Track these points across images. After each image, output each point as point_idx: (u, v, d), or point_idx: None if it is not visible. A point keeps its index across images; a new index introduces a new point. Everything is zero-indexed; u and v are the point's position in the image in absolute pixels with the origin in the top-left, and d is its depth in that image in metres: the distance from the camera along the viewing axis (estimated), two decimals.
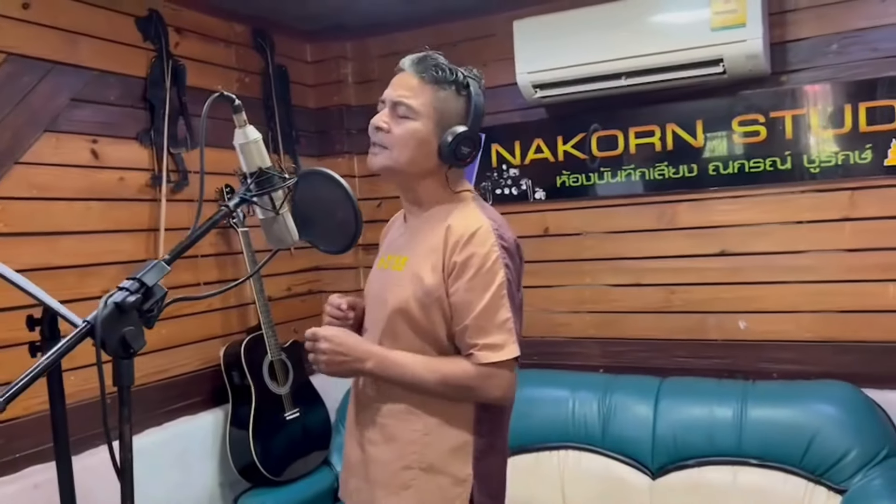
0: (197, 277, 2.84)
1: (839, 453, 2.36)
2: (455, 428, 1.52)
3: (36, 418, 2.21)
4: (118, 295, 1.01)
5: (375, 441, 1.56)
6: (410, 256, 1.57)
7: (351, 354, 1.50)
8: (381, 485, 1.53)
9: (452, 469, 1.51)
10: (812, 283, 2.68)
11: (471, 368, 1.46)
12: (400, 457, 1.52)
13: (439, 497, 1.51)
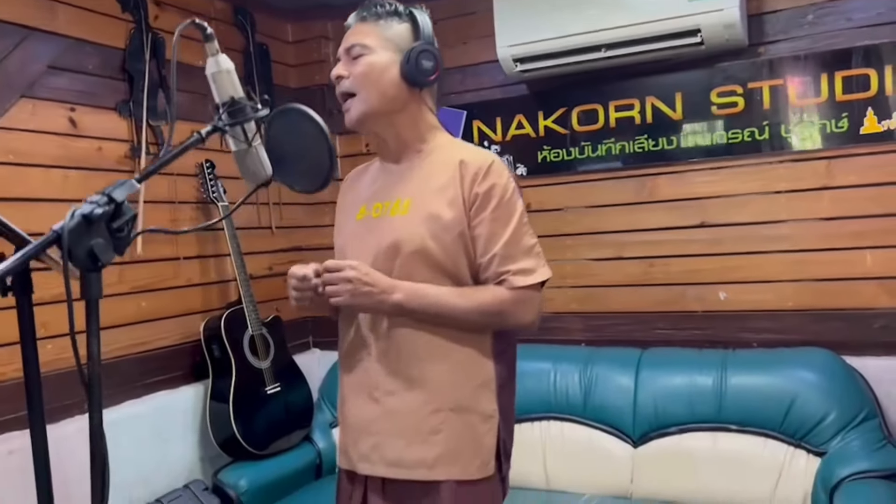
0: (177, 252, 2.82)
1: (818, 417, 2.38)
2: (478, 363, 1.50)
3: (11, 385, 2.19)
4: (86, 207, 1.00)
5: (395, 390, 1.48)
6: (415, 197, 1.52)
7: (378, 285, 1.44)
8: (408, 435, 1.46)
9: (480, 405, 1.49)
10: (791, 252, 2.70)
11: (505, 293, 1.46)
12: (426, 401, 1.46)
13: (470, 436, 1.47)
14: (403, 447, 1.47)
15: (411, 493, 1.47)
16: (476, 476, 1.47)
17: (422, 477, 1.46)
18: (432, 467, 1.45)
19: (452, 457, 1.46)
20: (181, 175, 2.85)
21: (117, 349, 2.56)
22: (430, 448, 1.46)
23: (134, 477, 2.48)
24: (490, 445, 1.49)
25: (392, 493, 1.49)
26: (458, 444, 1.46)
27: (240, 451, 2.69)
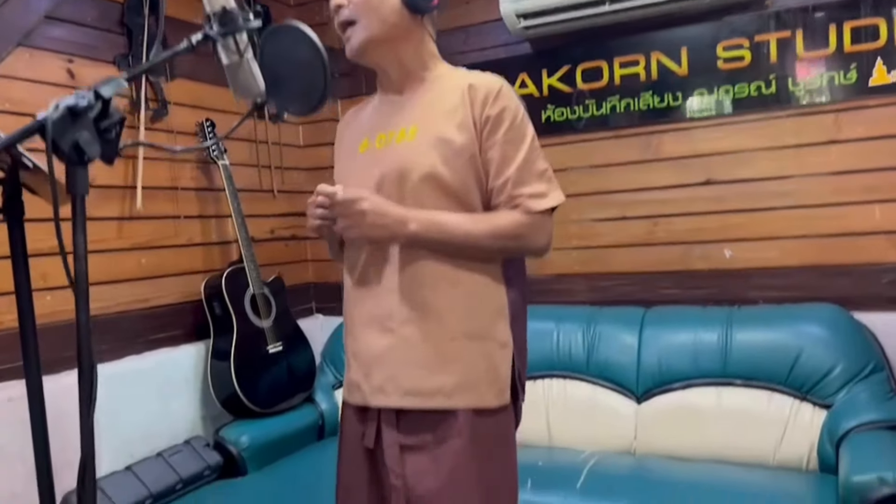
0: (177, 210, 2.81)
1: (824, 369, 2.35)
2: (492, 290, 1.47)
3: (10, 334, 2.17)
4: (71, 99, 0.98)
5: (410, 319, 1.44)
6: (422, 123, 1.48)
7: (392, 216, 1.40)
8: (425, 363, 1.42)
9: (496, 333, 1.46)
10: (798, 208, 2.66)
11: (521, 217, 1.44)
12: (443, 329, 1.43)
13: (487, 364, 1.44)
14: (421, 376, 1.43)
15: (427, 422, 1.43)
16: (493, 404, 1.44)
17: (440, 405, 1.42)
18: (450, 395, 1.42)
19: (470, 385, 1.43)
20: (181, 133, 2.83)
21: (118, 304, 2.55)
22: (448, 376, 1.42)
23: (135, 432, 2.48)
24: (506, 374, 1.47)
25: (407, 424, 1.45)
26: (475, 372, 1.43)
27: (241, 408, 2.68)
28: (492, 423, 1.44)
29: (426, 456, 1.42)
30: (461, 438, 1.40)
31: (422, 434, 1.43)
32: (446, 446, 1.40)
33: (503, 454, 1.47)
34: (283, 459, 2.67)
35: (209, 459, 2.50)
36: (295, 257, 3.46)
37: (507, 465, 1.49)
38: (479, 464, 1.41)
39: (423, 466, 1.42)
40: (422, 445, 1.42)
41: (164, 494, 2.32)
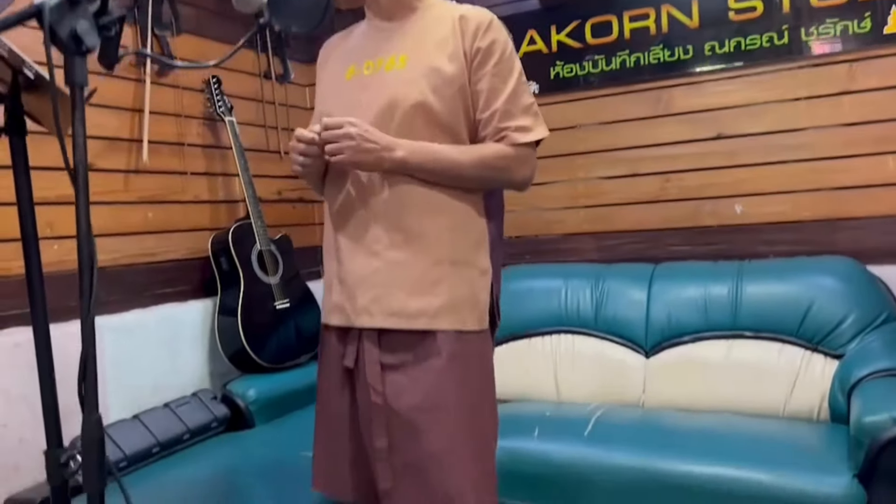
0: (184, 166, 2.80)
1: (836, 320, 2.32)
2: (474, 219, 1.51)
3: (17, 281, 2.17)
4: None
5: (396, 243, 1.46)
6: (412, 53, 1.49)
7: (380, 143, 1.42)
8: (410, 286, 1.45)
9: (477, 260, 1.50)
10: (810, 161, 2.62)
11: (505, 150, 1.48)
12: (428, 253, 1.45)
13: (469, 289, 1.48)
14: (406, 298, 1.45)
15: (408, 343, 1.46)
16: (474, 327, 1.49)
17: (423, 326, 1.45)
18: (433, 317, 1.45)
19: (452, 308, 1.46)
20: (187, 89, 2.82)
21: (124, 257, 2.54)
22: (433, 299, 1.45)
23: (142, 383, 2.48)
24: (485, 300, 1.51)
25: (388, 344, 1.47)
26: (457, 296, 1.47)
27: (249, 363, 2.68)
28: (470, 345, 1.48)
29: (406, 375, 1.45)
30: (440, 358, 1.44)
31: (402, 354, 1.46)
32: (426, 365, 1.44)
33: (481, 375, 1.51)
34: (291, 414, 2.67)
35: (216, 412, 2.50)
36: (303, 220, 3.45)
37: (486, 386, 1.52)
38: (458, 383, 1.45)
39: (403, 384, 1.45)
40: (402, 365, 1.46)
41: (171, 444, 2.32)
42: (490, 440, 1.51)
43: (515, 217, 3.15)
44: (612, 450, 2.08)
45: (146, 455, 2.24)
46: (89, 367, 0.98)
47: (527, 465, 2.12)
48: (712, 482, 1.92)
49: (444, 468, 1.43)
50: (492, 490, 1.51)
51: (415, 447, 1.44)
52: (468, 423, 1.46)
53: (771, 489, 1.86)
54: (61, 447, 1.34)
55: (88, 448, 0.97)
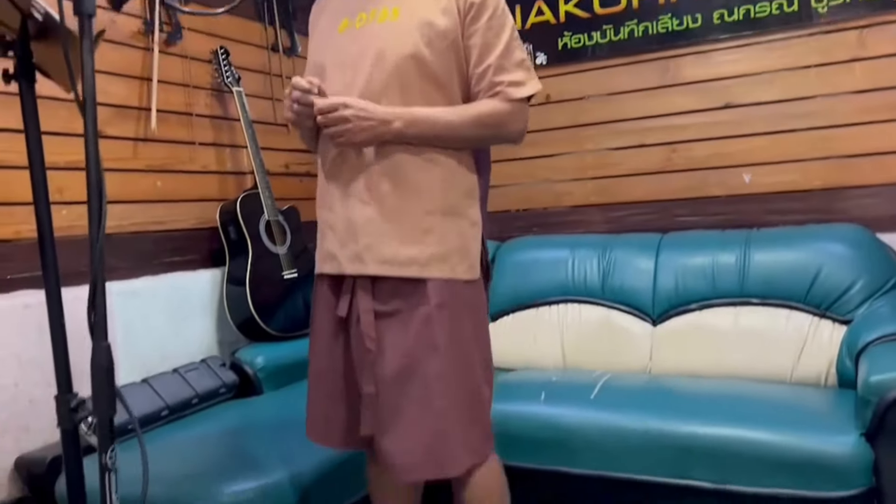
0: (192, 136, 2.81)
1: (845, 285, 2.31)
2: (464, 172, 1.54)
3: (27, 244, 2.19)
4: None
5: (390, 193, 1.48)
6: (404, 5, 1.50)
7: (375, 117, 1.44)
8: (402, 234, 1.48)
9: (468, 211, 1.54)
10: (820, 129, 2.61)
11: (500, 105, 1.50)
12: (420, 203, 1.48)
13: (459, 239, 1.51)
14: (398, 246, 1.48)
15: (400, 291, 1.49)
16: (464, 277, 1.52)
17: (414, 274, 1.47)
18: (424, 266, 1.48)
19: (443, 257, 1.49)
20: (195, 60, 2.83)
21: (133, 224, 2.56)
22: (424, 248, 1.48)
23: (150, 349, 2.50)
24: (476, 251, 1.55)
25: (381, 292, 1.50)
26: (448, 246, 1.50)
27: (257, 331, 2.69)
28: (460, 294, 1.51)
29: (398, 321, 1.48)
30: (430, 306, 1.47)
31: (394, 302, 1.49)
32: (417, 312, 1.47)
33: (473, 324, 1.53)
34: (299, 382, 2.67)
35: (225, 378, 2.52)
36: (310, 194, 3.40)
37: (478, 336, 1.55)
38: (448, 330, 1.47)
39: (395, 331, 1.48)
40: (394, 313, 1.49)
41: (180, 407, 2.33)
42: (482, 389, 1.53)
43: (523, 190, 3.15)
44: (618, 412, 2.08)
45: (155, 418, 2.25)
46: (98, 294, 0.99)
47: (533, 429, 2.13)
48: (718, 443, 1.92)
49: (429, 412, 1.46)
50: (484, 438, 1.53)
51: (403, 392, 1.47)
52: (458, 369, 1.48)
53: (777, 449, 1.86)
54: (71, 392, 1.35)
55: (98, 374, 0.98)
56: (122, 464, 1.22)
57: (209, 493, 1.72)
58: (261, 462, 1.86)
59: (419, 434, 1.47)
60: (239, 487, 1.73)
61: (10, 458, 2.06)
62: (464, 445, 1.48)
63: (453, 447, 1.47)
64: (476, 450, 1.52)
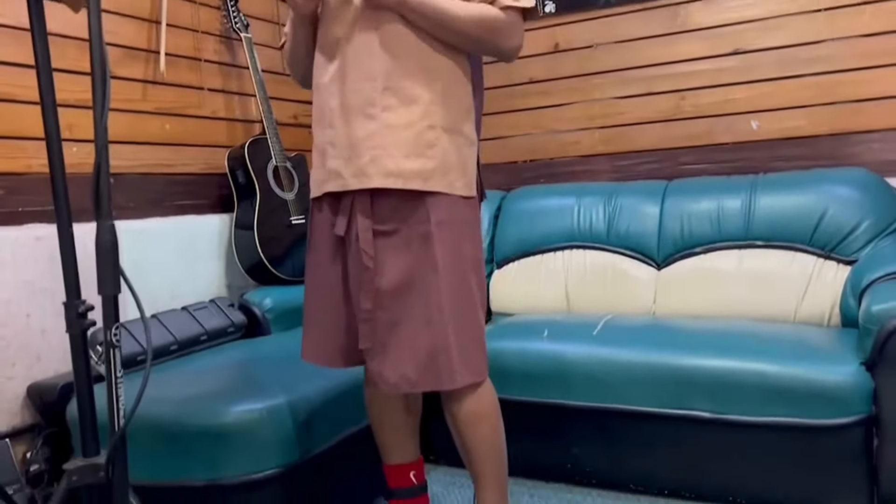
0: (201, 81, 2.83)
1: (850, 227, 2.31)
2: (464, 90, 1.58)
3: (38, 178, 2.22)
4: None
5: (392, 106, 1.50)
6: None
7: None
8: (406, 147, 1.49)
9: (466, 130, 1.57)
10: (828, 73, 2.59)
11: (499, 13, 1.53)
12: (423, 117, 1.50)
13: (458, 156, 1.54)
14: (402, 159, 1.50)
15: (400, 209, 1.51)
16: (462, 193, 1.55)
17: (417, 187, 1.50)
18: (427, 179, 1.50)
19: (444, 171, 1.52)
20: (203, 5, 2.84)
21: (141, 165, 2.58)
22: (427, 161, 1.50)
23: (159, 287, 2.53)
24: (473, 169, 1.59)
25: (380, 210, 1.52)
26: (449, 161, 1.53)
27: (266, 275, 2.72)
28: (458, 212, 1.54)
29: (398, 240, 1.51)
30: (429, 224, 1.50)
31: (394, 221, 1.52)
32: (416, 231, 1.50)
33: (470, 241, 1.56)
34: None
35: (234, 318, 2.55)
36: None
37: (474, 254, 1.57)
38: (446, 247, 1.50)
39: (394, 249, 1.51)
40: (392, 232, 1.52)
41: (189, 343, 2.37)
42: (478, 307, 1.56)
43: (530, 140, 3.15)
44: (620, 347, 2.10)
45: (164, 352, 2.29)
46: (102, 173, 1.01)
47: (533, 363, 2.15)
48: (717, 374, 1.94)
49: (429, 327, 1.49)
50: (481, 359, 1.56)
51: (402, 307, 1.50)
52: (455, 286, 1.51)
53: (776, 379, 1.87)
54: (80, 299, 1.38)
55: (103, 252, 1.00)
56: (128, 389, 1.25)
57: (215, 413, 1.75)
58: (267, 388, 1.90)
59: (418, 347, 1.50)
60: (244, 408, 1.76)
61: (23, 385, 2.11)
62: (462, 361, 1.51)
63: (452, 361, 1.50)
64: (475, 368, 1.54)
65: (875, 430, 1.81)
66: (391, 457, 1.77)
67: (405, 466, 1.76)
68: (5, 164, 2.17)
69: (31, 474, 2.04)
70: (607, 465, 2.10)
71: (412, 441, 1.78)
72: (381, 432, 1.77)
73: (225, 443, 1.73)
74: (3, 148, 2.16)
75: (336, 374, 2.04)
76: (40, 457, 2.05)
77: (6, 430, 2.04)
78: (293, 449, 1.79)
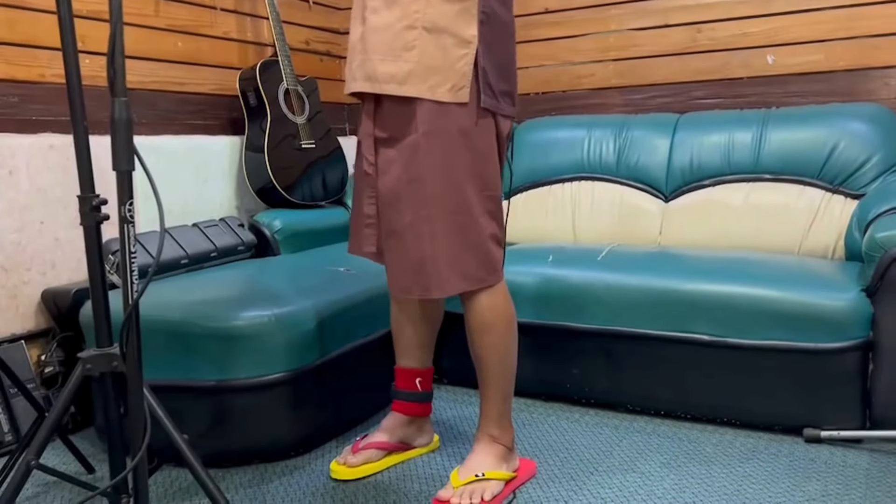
0: (213, 0, 2.81)
1: (859, 161, 2.31)
2: None
3: (52, 87, 2.23)
4: None
5: (377, 8, 1.52)
6: None
7: None
8: (382, 50, 1.50)
9: (457, 29, 1.49)
10: (846, 7, 2.55)
11: None
12: (402, 17, 1.49)
13: (442, 57, 1.49)
14: (378, 62, 1.51)
15: (395, 117, 1.54)
16: (446, 99, 1.51)
17: (392, 91, 1.51)
18: (402, 83, 1.50)
19: (422, 75, 1.49)
20: None
21: (153, 81, 2.59)
22: (403, 64, 1.50)
23: (171, 202, 2.55)
24: (464, 71, 1.51)
25: (381, 116, 1.57)
26: (429, 64, 1.49)
27: (275, 197, 2.74)
28: (450, 120, 1.51)
29: (393, 148, 1.55)
30: (418, 133, 1.50)
31: (391, 128, 1.55)
32: (408, 140, 1.52)
33: (467, 150, 1.53)
34: (315, 249, 2.74)
35: (244, 237, 2.59)
36: (330, 74, 3.45)
37: (474, 162, 1.54)
38: (435, 156, 1.51)
39: (391, 157, 1.55)
40: (390, 139, 1.55)
41: (200, 259, 2.40)
42: (476, 216, 1.55)
43: (543, 72, 3.13)
44: (624, 272, 2.12)
45: (175, 266, 2.33)
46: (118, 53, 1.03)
47: (538, 286, 2.18)
48: (719, 299, 1.97)
49: (416, 235, 1.53)
50: (479, 266, 1.56)
51: (395, 216, 1.55)
52: (444, 195, 1.52)
53: (776, 303, 1.90)
54: (93, 193, 1.41)
55: (118, 128, 1.02)
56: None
57: (225, 316, 1.80)
58: (277, 296, 1.94)
59: (409, 255, 1.55)
60: (254, 313, 1.81)
61: (37, 291, 2.15)
62: (453, 269, 1.53)
63: (441, 270, 1.53)
64: (469, 275, 1.56)
65: (871, 355, 1.84)
66: (401, 359, 1.84)
67: (413, 371, 1.82)
68: (20, 72, 2.18)
69: (45, 376, 2.11)
70: (606, 386, 2.14)
71: (424, 349, 1.83)
72: (398, 333, 1.83)
73: (234, 345, 1.78)
74: (17, 55, 2.17)
75: (346, 288, 2.08)
76: (54, 359, 2.12)
77: (21, 333, 2.10)
78: (301, 354, 1.84)
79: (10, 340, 2.05)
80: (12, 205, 2.09)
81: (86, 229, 1.39)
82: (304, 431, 1.90)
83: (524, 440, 1.95)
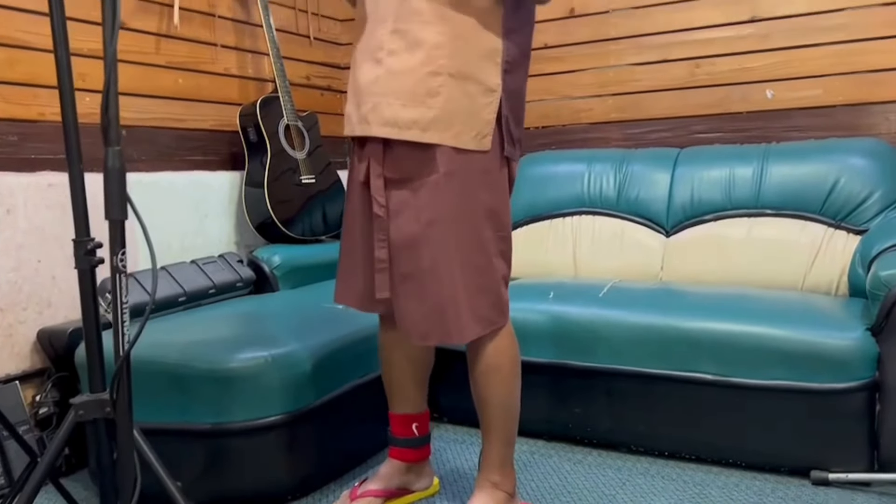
0: (214, 37, 2.82)
1: (861, 197, 2.30)
2: (483, 33, 1.47)
3: (51, 126, 2.23)
4: None
5: (398, 51, 1.46)
6: None
7: None
8: (405, 95, 1.46)
9: (482, 76, 1.47)
10: (845, 42, 2.56)
11: None
12: (426, 62, 1.44)
13: (468, 105, 1.46)
14: (400, 107, 1.47)
15: (410, 158, 1.48)
16: (470, 146, 1.48)
17: (414, 138, 1.46)
18: (426, 129, 1.46)
19: (447, 122, 1.46)
20: None
21: (153, 119, 2.59)
22: (427, 110, 1.46)
23: (169, 240, 2.55)
24: (488, 119, 1.49)
25: (392, 157, 1.51)
26: (454, 111, 1.46)
27: (275, 233, 2.73)
28: (472, 163, 1.48)
29: (407, 190, 1.49)
30: (438, 174, 1.46)
31: (405, 169, 1.49)
32: (425, 181, 1.47)
33: (487, 191, 1.51)
34: (314, 284, 2.72)
35: (242, 273, 2.57)
36: (330, 109, 3.46)
37: (493, 204, 1.52)
38: (455, 198, 1.47)
39: (404, 198, 1.49)
40: (404, 180, 1.49)
41: (197, 296, 2.39)
42: (491, 257, 1.53)
43: (543, 106, 3.14)
44: (626, 309, 2.10)
45: (172, 303, 2.31)
46: (111, 100, 1.02)
47: (539, 324, 2.15)
48: (723, 337, 1.94)
49: (436, 279, 1.48)
50: (493, 308, 1.54)
51: (412, 259, 1.50)
52: (465, 237, 1.49)
53: (782, 343, 1.88)
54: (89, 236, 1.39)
55: (111, 177, 1.01)
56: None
57: (221, 359, 1.77)
58: (274, 337, 1.91)
59: (428, 300, 1.50)
60: (250, 355, 1.78)
61: (33, 330, 2.13)
62: (471, 314, 1.50)
63: (460, 315, 1.50)
64: (485, 318, 1.53)
65: (878, 395, 1.81)
66: (396, 405, 1.79)
67: (409, 417, 1.78)
68: (19, 111, 2.18)
69: (39, 417, 2.08)
70: (608, 426, 2.11)
71: (419, 392, 1.79)
72: (390, 379, 1.78)
73: (230, 388, 1.75)
74: (16, 95, 2.17)
75: (343, 327, 2.06)
76: (49, 400, 2.09)
77: (16, 373, 2.07)
78: (298, 396, 1.81)
79: (4, 381, 2.02)
80: (9, 244, 2.07)
81: (80, 273, 1.38)
82: (302, 474, 1.87)
83: (525, 483, 1.92)
